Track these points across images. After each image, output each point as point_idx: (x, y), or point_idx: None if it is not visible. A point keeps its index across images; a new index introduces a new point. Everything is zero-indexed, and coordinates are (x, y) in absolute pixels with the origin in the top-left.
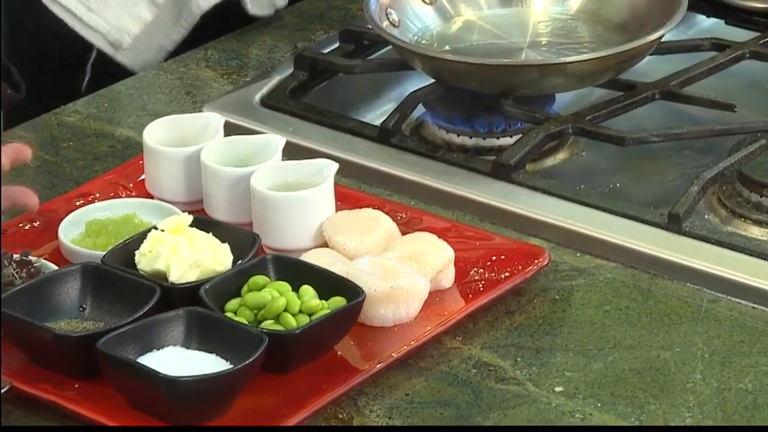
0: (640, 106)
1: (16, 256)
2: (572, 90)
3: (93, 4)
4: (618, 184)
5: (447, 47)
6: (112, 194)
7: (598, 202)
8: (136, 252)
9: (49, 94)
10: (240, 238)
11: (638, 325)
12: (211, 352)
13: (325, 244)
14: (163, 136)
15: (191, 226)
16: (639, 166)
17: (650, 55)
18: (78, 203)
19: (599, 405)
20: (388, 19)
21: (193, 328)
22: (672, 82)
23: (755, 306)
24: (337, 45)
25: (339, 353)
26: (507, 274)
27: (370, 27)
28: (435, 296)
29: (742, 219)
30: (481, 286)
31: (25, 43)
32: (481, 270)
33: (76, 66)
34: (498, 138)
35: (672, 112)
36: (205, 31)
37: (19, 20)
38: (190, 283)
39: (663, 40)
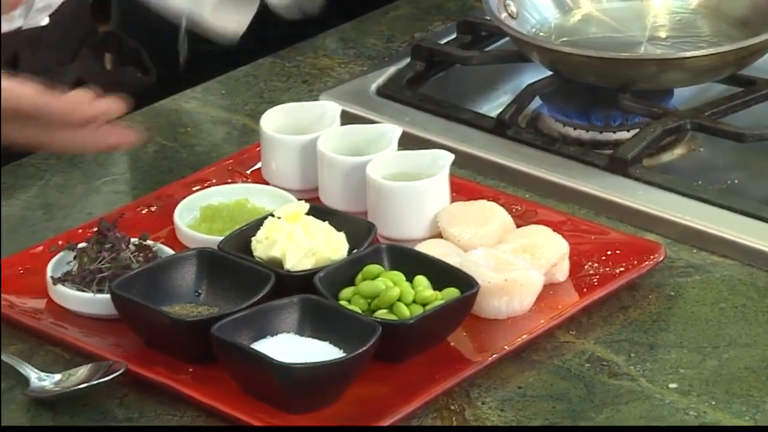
0: (760, 102)
1: (134, 240)
2: (691, 85)
3: None
4: (736, 181)
5: (565, 39)
6: (228, 180)
7: (716, 198)
8: (253, 239)
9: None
10: (355, 227)
11: (754, 324)
12: (325, 340)
13: (440, 235)
14: (280, 124)
15: (308, 214)
16: (758, 162)
17: None
18: (195, 189)
19: (713, 403)
20: (507, 10)
21: (307, 315)
22: None
23: None
24: (454, 36)
25: (452, 344)
26: (622, 268)
27: (488, 18)
28: (549, 289)
29: None
30: (595, 280)
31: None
32: (596, 264)
33: (172, 42)
34: (615, 132)
35: None
36: (321, 22)
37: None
38: (305, 270)
39: None
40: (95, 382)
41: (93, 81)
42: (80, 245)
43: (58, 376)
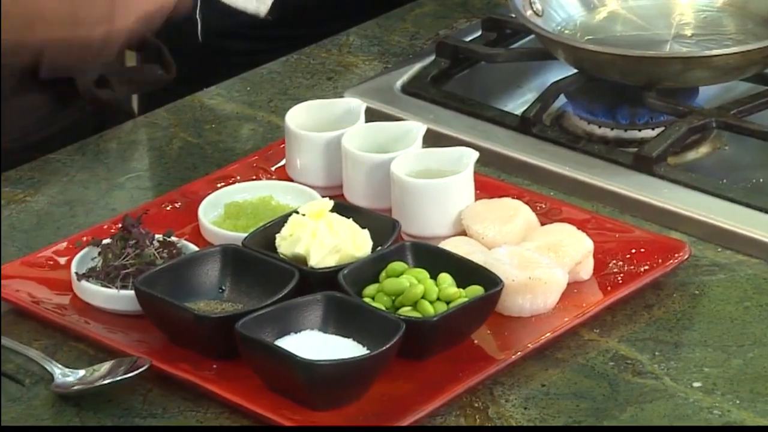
0: None
1: (158, 237)
2: (717, 83)
3: None
4: (761, 180)
5: (590, 37)
6: (253, 177)
7: (741, 197)
8: (277, 235)
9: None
10: (379, 224)
11: None
12: (348, 337)
13: (464, 233)
14: (305, 121)
15: (332, 211)
16: None
17: None
18: (219, 185)
19: (738, 402)
20: (532, 8)
21: (331, 312)
22: None
23: None
24: (479, 33)
25: (475, 342)
26: (646, 267)
27: (513, 16)
28: (573, 288)
29: None
30: (619, 278)
31: None
32: (620, 262)
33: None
34: (640, 130)
35: None
36: (347, 19)
37: None
38: (329, 267)
39: None
40: (119, 378)
41: (114, 78)
42: (105, 241)
43: (82, 372)
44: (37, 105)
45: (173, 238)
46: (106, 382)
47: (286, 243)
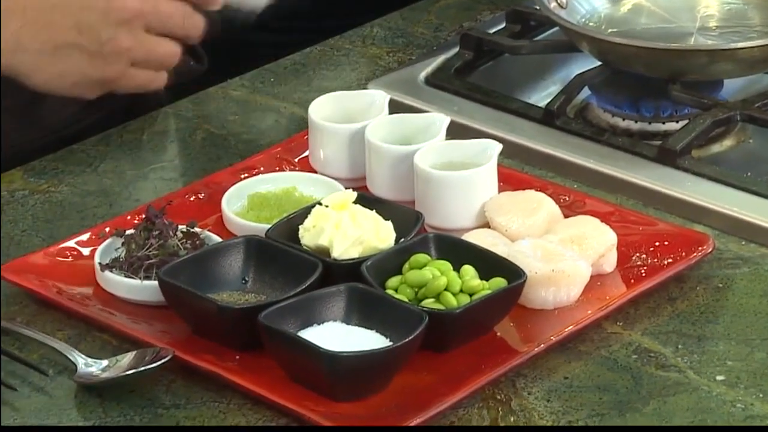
0: None
1: (182, 227)
2: (742, 76)
3: None
4: None
5: (615, 30)
6: (276, 168)
7: (765, 190)
8: (300, 227)
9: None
10: (403, 215)
11: None
12: (371, 329)
13: (487, 225)
14: (328, 112)
15: (355, 202)
16: None
17: None
18: (243, 176)
19: (761, 395)
20: (556, 0)
21: (354, 304)
22: None
23: None
24: (503, 25)
25: (498, 334)
26: (670, 260)
27: (538, 8)
28: (596, 280)
29: None
30: (643, 271)
31: None
32: (644, 255)
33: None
34: (664, 123)
35: None
36: (371, 10)
37: None
38: (352, 259)
39: None
40: (142, 369)
41: None
42: (128, 232)
43: (105, 362)
44: (74, 99)
45: (196, 229)
46: (129, 372)
47: (310, 234)
